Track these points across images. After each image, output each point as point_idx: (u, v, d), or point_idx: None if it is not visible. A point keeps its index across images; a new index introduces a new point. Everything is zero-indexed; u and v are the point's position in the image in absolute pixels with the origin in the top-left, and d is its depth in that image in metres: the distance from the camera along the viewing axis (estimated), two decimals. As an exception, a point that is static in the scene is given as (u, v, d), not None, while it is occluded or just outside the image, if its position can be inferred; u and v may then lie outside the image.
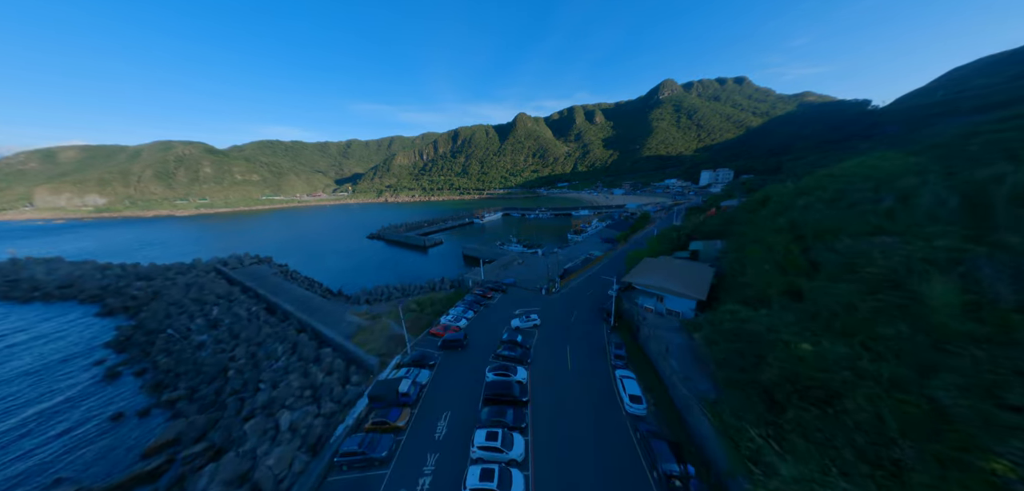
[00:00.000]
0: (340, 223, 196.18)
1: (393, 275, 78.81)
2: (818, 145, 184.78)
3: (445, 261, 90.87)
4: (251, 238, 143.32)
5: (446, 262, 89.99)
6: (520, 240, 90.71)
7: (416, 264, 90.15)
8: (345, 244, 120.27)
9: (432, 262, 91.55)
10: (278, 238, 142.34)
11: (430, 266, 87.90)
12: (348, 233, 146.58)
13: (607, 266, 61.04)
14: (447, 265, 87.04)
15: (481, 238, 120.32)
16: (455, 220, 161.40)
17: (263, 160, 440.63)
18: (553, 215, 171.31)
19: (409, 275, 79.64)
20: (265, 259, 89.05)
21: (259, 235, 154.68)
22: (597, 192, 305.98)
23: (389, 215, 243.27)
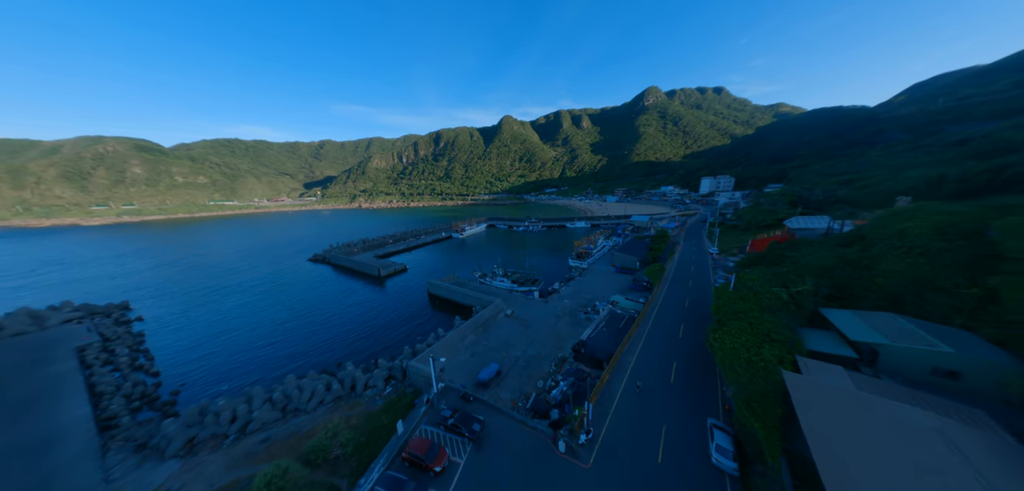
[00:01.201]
0: (290, 236, 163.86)
1: (313, 333, 52.33)
2: (822, 152, 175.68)
3: (404, 300, 65.26)
4: (151, 255, 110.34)
5: (406, 300, 64.42)
6: (509, 272, 66.72)
7: (364, 304, 63.93)
8: (275, 269, 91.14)
9: (388, 301, 65.62)
10: (187, 258, 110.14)
11: (384, 306, 62.06)
12: (289, 252, 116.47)
13: (663, 345, 35.91)
14: (406, 306, 61.57)
15: (459, 258, 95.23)
16: (430, 234, 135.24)
17: (214, 160, 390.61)
18: (545, 227, 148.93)
19: (345, 327, 53.46)
20: (104, 310, 59.99)
21: (165, 252, 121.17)
22: (589, 199, 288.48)
23: (358, 223, 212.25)
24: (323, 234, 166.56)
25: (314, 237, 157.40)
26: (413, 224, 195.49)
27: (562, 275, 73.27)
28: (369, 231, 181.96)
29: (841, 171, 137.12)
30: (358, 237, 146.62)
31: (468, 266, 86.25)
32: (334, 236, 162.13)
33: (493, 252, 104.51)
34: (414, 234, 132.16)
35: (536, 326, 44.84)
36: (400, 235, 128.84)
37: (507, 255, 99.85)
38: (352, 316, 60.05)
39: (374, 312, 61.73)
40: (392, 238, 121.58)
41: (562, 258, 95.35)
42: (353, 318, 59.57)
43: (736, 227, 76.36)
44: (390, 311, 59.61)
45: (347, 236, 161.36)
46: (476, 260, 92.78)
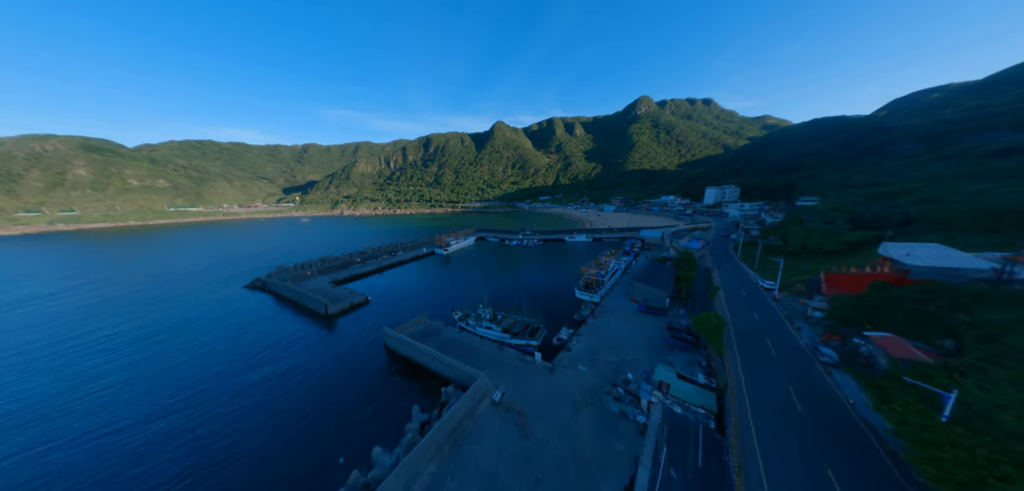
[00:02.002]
0: (245, 249, 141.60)
1: (176, 448, 33.18)
2: (830, 161, 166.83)
3: (353, 356, 46.58)
4: (48, 278, 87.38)
5: (354, 358, 45.76)
6: (499, 316, 49.14)
7: (291, 373, 44.92)
8: (192, 303, 70.52)
9: (329, 358, 46.76)
10: (90, 283, 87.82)
11: (319, 371, 43.18)
12: (229, 274, 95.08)
13: None
14: (353, 368, 42.91)
15: (439, 283, 77.04)
16: (410, 249, 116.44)
17: (179, 163, 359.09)
18: (541, 241, 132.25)
19: (237, 430, 34.19)
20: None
21: (71, 273, 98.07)
22: (585, 208, 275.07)
23: (334, 233, 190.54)
24: (287, 247, 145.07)
25: (275, 251, 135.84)
26: (394, 235, 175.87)
27: (567, 310, 56.22)
28: (347, 241, 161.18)
29: (860, 183, 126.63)
30: (331, 250, 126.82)
31: (449, 295, 68.09)
32: (302, 248, 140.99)
33: (481, 274, 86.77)
34: (390, 249, 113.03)
35: (543, 433, 27.23)
36: (373, 251, 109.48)
37: (498, 276, 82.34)
38: (306, 352, 40.96)
39: (325, 354, 42.73)
40: (361, 255, 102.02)
41: (563, 279, 78.52)
42: (310, 352, 40.57)
43: (779, 249, 61.48)
44: (325, 382, 40.65)
45: (319, 248, 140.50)
46: (460, 286, 74.72)
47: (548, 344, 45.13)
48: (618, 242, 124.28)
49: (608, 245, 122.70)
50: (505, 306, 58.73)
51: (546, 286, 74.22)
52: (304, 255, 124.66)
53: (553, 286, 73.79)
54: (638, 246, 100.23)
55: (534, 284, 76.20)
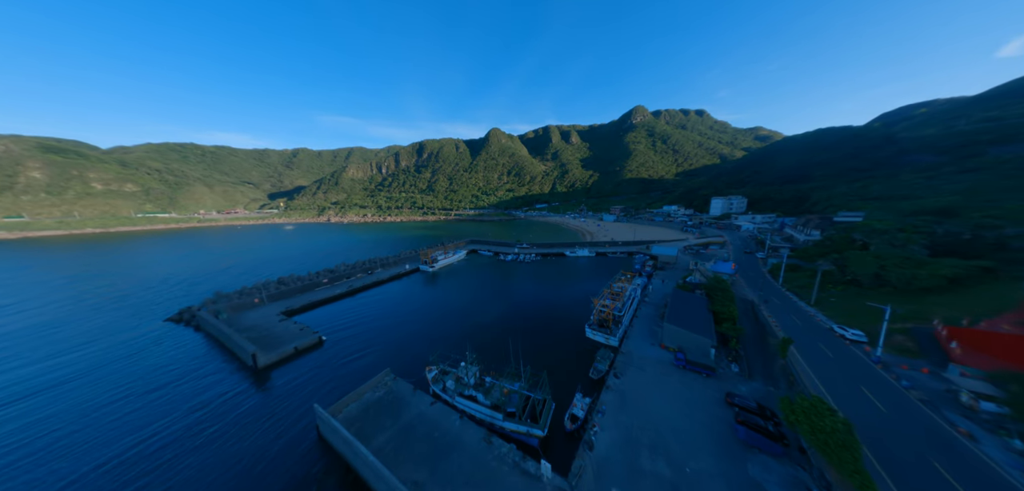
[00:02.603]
0: (205, 264, 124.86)
1: None
2: (841, 173, 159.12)
3: (276, 431, 32.12)
4: None
5: (274, 438, 31.32)
6: (485, 383, 35.31)
7: (200, 439, 30.26)
8: (97, 344, 54.92)
9: (247, 430, 32.27)
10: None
11: (229, 449, 28.71)
12: (161, 299, 79.02)
13: None
14: (267, 455, 28.57)
15: (418, 311, 62.54)
16: (391, 264, 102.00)
17: (154, 166, 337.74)
18: (539, 256, 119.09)
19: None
20: None
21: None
22: (583, 217, 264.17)
23: (314, 243, 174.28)
24: (258, 260, 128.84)
25: (241, 266, 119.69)
26: (379, 246, 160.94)
27: (576, 358, 42.69)
28: (326, 253, 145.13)
29: (880, 195, 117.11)
30: (303, 265, 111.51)
31: (428, 331, 53.86)
32: (273, 261, 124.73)
33: (470, 297, 72.84)
34: (368, 265, 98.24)
35: None
36: (345, 269, 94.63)
37: (491, 302, 68.58)
38: (216, 443, 26.27)
39: (240, 449, 28.13)
40: (330, 274, 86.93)
41: (567, 304, 65.13)
42: (220, 443, 25.86)
43: (842, 283, 48.86)
44: (267, 442, 26.13)
45: (291, 261, 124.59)
46: (443, 317, 60.58)
47: (558, 428, 31.36)
48: (625, 258, 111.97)
49: (614, 261, 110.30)
50: (496, 348, 44.97)
51: (547, 314, 60.65)
52: (274, 270, 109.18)
53: (556, 314, 60.25)
54: (649, 265, 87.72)
55: (533, 311, 62.59)
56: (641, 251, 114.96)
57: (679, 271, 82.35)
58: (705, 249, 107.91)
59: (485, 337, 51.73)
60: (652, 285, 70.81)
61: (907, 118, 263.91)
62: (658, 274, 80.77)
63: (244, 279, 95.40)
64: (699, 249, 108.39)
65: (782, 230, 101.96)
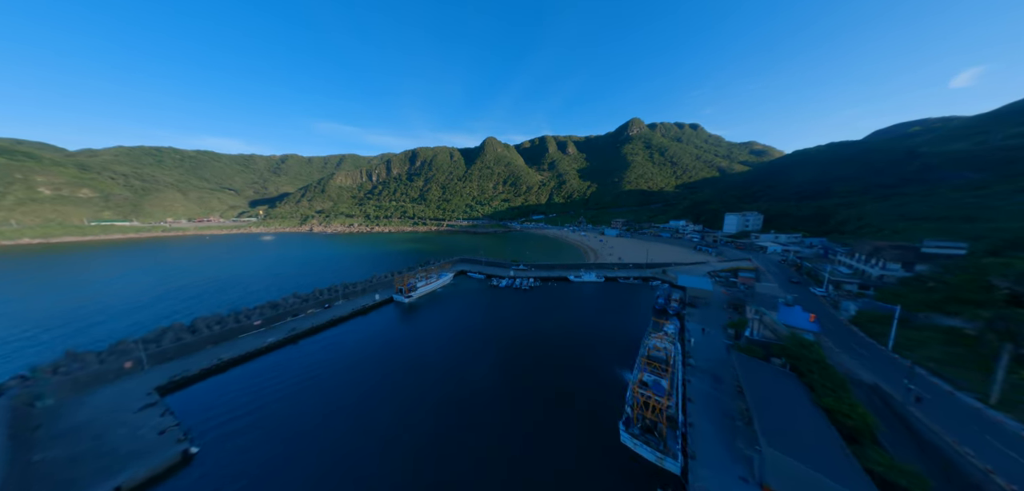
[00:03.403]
0: (139, 288, 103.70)
1: None
2: (868, 189, 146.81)
3: None
4: None
5: None
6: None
7: None
8: None
9: None
10: None
11: None
12: (53, 337, 59.16)
13: None
14: None
15: (363, 390, 42.94)
16: (358, 292, 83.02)
17: (121, 170, 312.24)
18: (538, 281, 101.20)
19: None
20: None
21: None
22: (583, 230, 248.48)
23: (289, 256, 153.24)
24: (210, 280, 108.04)
25: (190, 291, 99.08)
26: (358, 263, 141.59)
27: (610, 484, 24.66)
28: (295, 271, 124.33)
29: (929, 215, 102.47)
30: (264, 285, 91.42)
31: (390, 407, 34.91)
32: (227, 282, 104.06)
33: (454, 345, 54.38)
34: (326, 296, 78.93)
35: None
36: (294, 302, 75.16)
37: (479, 348, 50.33)
38: None
39: None
40: (269, 312, 67.37)
41: (577, 351, 47.55)
42: None
43: (968, 339, 33.06)
44: None
45: (250, 281, 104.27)
46: (412, 386, 41.82)
47: None
48: (639, 285, 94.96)
49: (627, 289, 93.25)
50: (486, 429, 26.95)
51: (554, 371, 42.99)
52: (220, 297, 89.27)
53: (566, 374, 42.53)
54: (676, 299, 70.60)
55: (534, 366, 44.83)
56: (657, 276, 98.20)
57: (716, 310, 65.42)
58: (734, 276, 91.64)
59: (471, 414, 33.73)
60: (690, 334, 53.39)
61: (901, 134, 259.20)
62: (690, 313, 63.60)
63: (167, 313, 75.30)
64: (727, 276, 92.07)
65: (827, 255, 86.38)
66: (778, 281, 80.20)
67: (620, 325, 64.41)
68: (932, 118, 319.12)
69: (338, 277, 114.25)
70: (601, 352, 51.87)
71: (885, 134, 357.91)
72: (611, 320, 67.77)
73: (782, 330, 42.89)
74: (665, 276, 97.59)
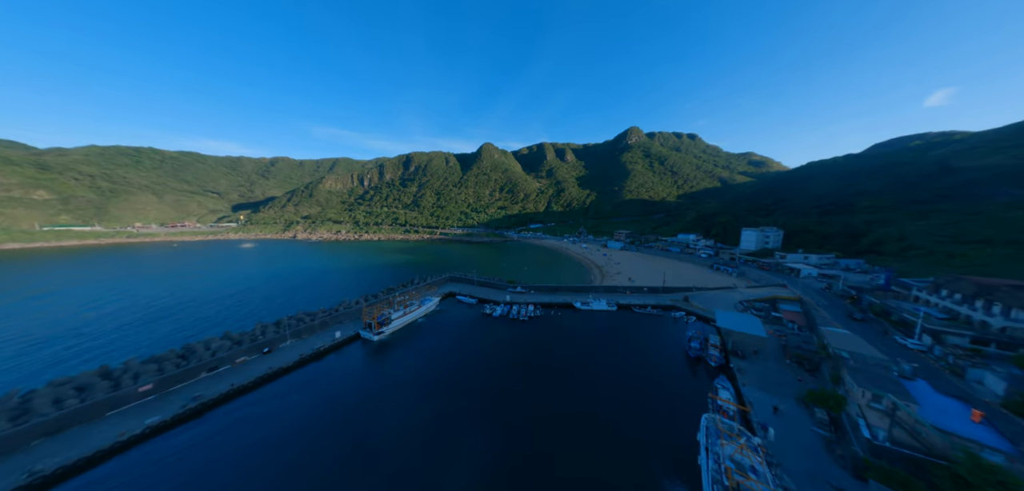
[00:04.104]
0: (45, 316, 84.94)
1: None
2: (899, 204, 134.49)
3: None
4: None
5: None
6: None
7: None
8: None
9: None
10: None
11: None
12: None
13: None
14: None
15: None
16: (313, 329, 66.09)
17: (86, 171, 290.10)
18: (539, 308, 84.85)
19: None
20: None
21: None
22: (583, 242, 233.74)
23: (257, 271, 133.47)
24: (148, 304, 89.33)
25: (113, 322, 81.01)
26: (335, 280, 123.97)
27: None
28: (257, 287, 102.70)
29: (993, 238, 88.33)
30: (210, 317, 71.55)
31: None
32: (169, 306, 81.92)
33: (429, 417, 37.77)
34: (270, 334, 61.83)
35: None
36: (221, 348, 58.07)
37: (463, 425, 33.87)
38: None
39: None
40: (168, 370, 50.09)
41: (599, 424, 31.28)
42: None
43: None
44: None
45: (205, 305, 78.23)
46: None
47: None
48: (659, 316, 79.32)
49: (644, 320, 77.61)
50: None
51: (572, 463, 26.56)
52: (148, 329, 71.62)
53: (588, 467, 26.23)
54: (714, 344, 55.06)
55: (542, 457, 28.36)
56: (679, 304, 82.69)
57: (774, 365, 49.89)
58: (773, 309, 76.67)
59: None
60: (752, 410, 37.49)
61: (904, 147, 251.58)
62: (739, 367, 47.93)
63: (32, 368, 57.54)
64: (764, 308, 77.01)
65: (889, 285, 71.68)
66: (835, 318, 65.31)
67: (645, 377, 48.40)
68: (931, 132, 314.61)
69: (308, 299, 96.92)
70: (627, 430, 35.89)
71: (884, 147, 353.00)
72: (633, 368, 51.70)
73: (932, 436, 27.41)
74: (689, 305, 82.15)
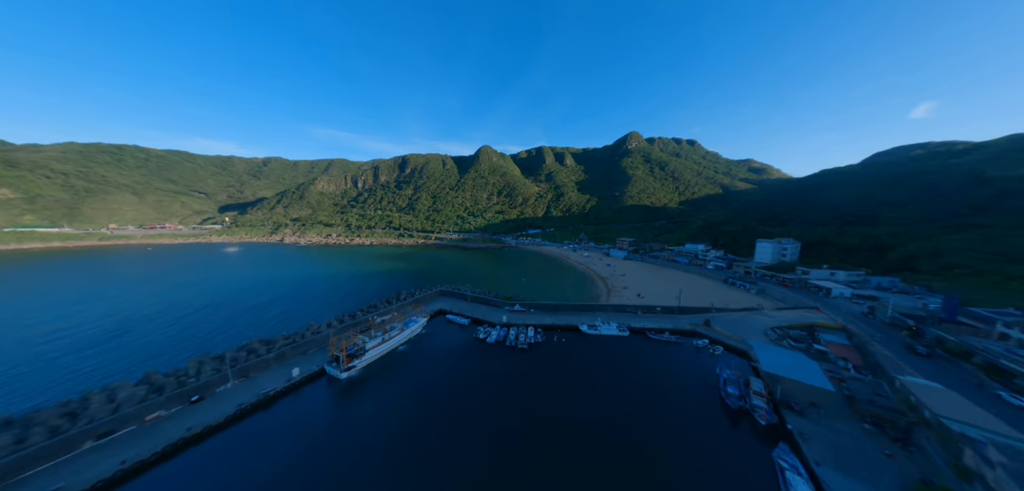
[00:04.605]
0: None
1: None
2: (930, 217, 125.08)
3: None
4: None
5: None
6: None
7: None
8: None
9: None
10: None
11: None
12: None
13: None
14: None
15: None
16: (268, 363, 54.10)
17: (60, 169, 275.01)
18: (540, 331, 73.25)
19: None
20: None
21: None
22: (585, 250, 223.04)
23: (236, 276, 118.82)
24: (95, 324, 76.49)
25: (44, 349, 68.53)
26: (319, 289, 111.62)
27: None
28: (224, 301, 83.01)
29: None
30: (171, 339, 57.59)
31: None
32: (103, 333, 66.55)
33: (402, 472, 26.22)
34: (203, 373, 49.88)
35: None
36: (132, 398, 46.06)
37: None
38: None
39: None
40: (37, 435, 38.04)
41: None
42: None
43: None
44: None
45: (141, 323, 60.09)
46: None
47: None
48: (678, 343, 68.16)
49: (661, 348, 66.45)
50: None
51: None
52: (75, 358, 59.34)
53: None
54: (758, 391, 44.06)
55: None
56: (699, 329, 71.50)
57: (842, 425, 38.81)
58: (813, 339, 65.92)
59: None
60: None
61: (903, 157, 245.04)
62: (801, 429, 36.88)
63: None
64: (793, 333, 66.26)
65: (953, 312, 61.01)
66: (893, 352, 54.63)
67: (676, 437, 36.87)
68: (934, 141, 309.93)
69: (275, 319, 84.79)
70: None
71: (886, 156, 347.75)
72: (658, 421, 40.19)
73: None
74: (712, 331, 71.01)
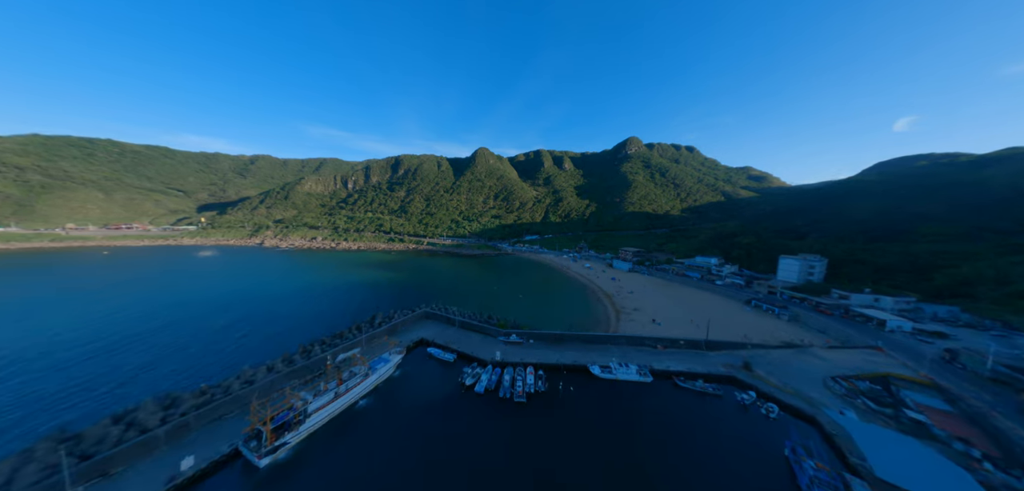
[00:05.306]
0: None
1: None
2: (975, 234, 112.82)
3: None
4: None
5: None
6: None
7: None
8: None
9: None
10: None
11: None
12: None
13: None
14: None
15: None
16: (160, 431, 37.33)
17: (14, 163, 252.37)
18: (541, 376, 57.32)
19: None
20: None
21: None
22: (585, 260, 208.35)
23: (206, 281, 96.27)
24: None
25: None
26: (288, 307, 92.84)
27: None
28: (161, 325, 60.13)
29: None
30: None
31: None
32: None
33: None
34: (23, 475, 32.96)
35: None
36: None
37: None
38: None
39: None
40: None
41: None
42: None
43: None
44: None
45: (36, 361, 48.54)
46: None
47: None
48: (714, 396, 52.75)
49: (695, 401, 51.13)
50: None
51: None
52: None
53: None
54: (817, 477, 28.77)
55: None
56: (735, 372, 56.28)
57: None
58: (889, 393, 51.35)
59: None
60: None
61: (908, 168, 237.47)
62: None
63: None
64: (862, 385, 51.58)
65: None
66: (1016, 423, 40.33)
67: None
68: (936, 153, 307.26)
69: (215, 356, 67.52)
70: None
71: (891, 166, 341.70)
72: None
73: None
74: (756, 379, 55.83)
